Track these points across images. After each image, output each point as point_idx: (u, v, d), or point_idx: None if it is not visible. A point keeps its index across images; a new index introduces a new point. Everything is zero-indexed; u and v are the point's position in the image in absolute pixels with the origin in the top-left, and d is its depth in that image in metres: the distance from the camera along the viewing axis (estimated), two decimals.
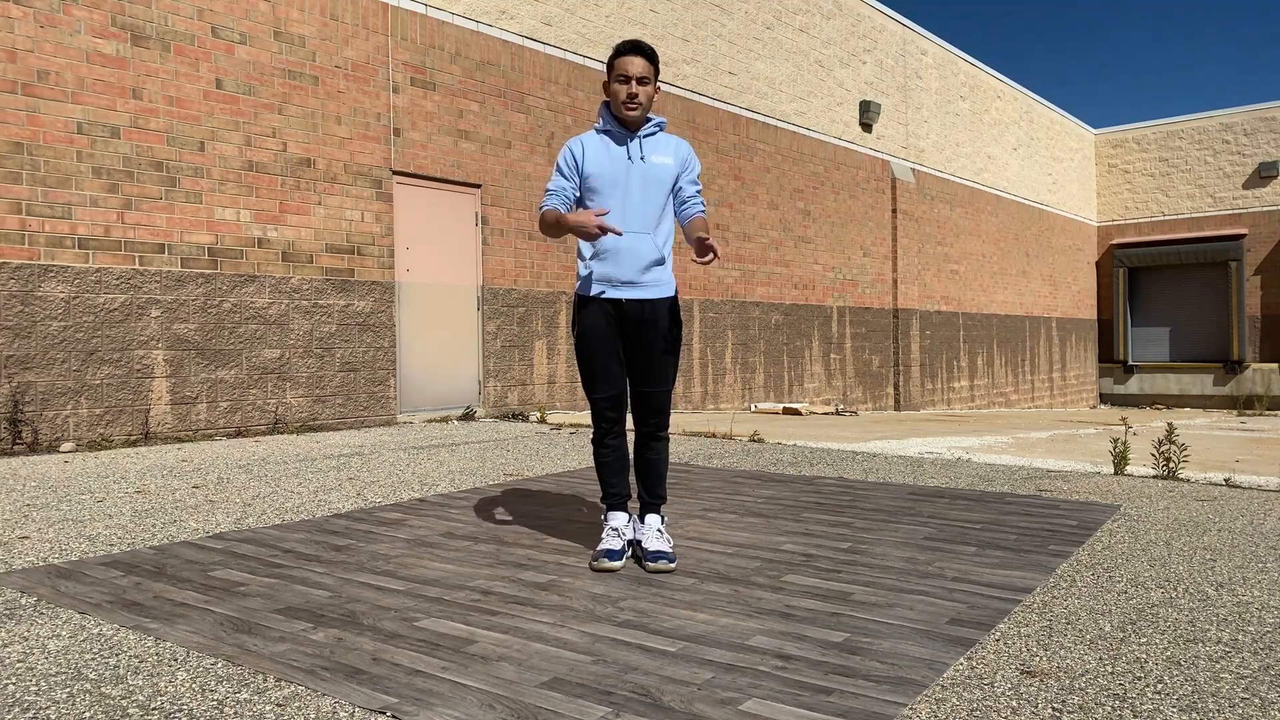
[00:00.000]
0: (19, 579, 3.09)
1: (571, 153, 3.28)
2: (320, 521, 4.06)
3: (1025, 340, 20.92)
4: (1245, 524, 3.98)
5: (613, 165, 3.24)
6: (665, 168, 3.28)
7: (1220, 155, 22.76)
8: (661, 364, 3.30)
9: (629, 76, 3.20)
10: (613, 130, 3.28)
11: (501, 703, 2.03)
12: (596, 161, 3.25)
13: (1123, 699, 2.06)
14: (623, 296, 3.25)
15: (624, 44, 3.25)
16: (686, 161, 3.36)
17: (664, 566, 3.15)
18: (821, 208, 14.74)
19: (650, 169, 3.25)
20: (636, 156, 3.25)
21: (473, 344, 9.66)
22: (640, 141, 3.28)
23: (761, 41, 13.58)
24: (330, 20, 8.40)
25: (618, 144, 3.27)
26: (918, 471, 5.65)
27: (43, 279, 6.71)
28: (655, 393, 3.31)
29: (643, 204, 3.24)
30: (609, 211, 3.19)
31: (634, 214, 3.24)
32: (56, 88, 6.79)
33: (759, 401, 13.36)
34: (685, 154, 3.36)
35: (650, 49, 3.25)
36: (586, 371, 3.31)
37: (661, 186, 3.27)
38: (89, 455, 6.39)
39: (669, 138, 3.36)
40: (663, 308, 3.29)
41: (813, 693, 2.09)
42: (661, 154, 3.29)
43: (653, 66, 3.24)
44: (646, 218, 3.25)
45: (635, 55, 3.21)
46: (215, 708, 2.02)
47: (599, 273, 3.26)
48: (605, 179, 3.23)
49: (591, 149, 3.27)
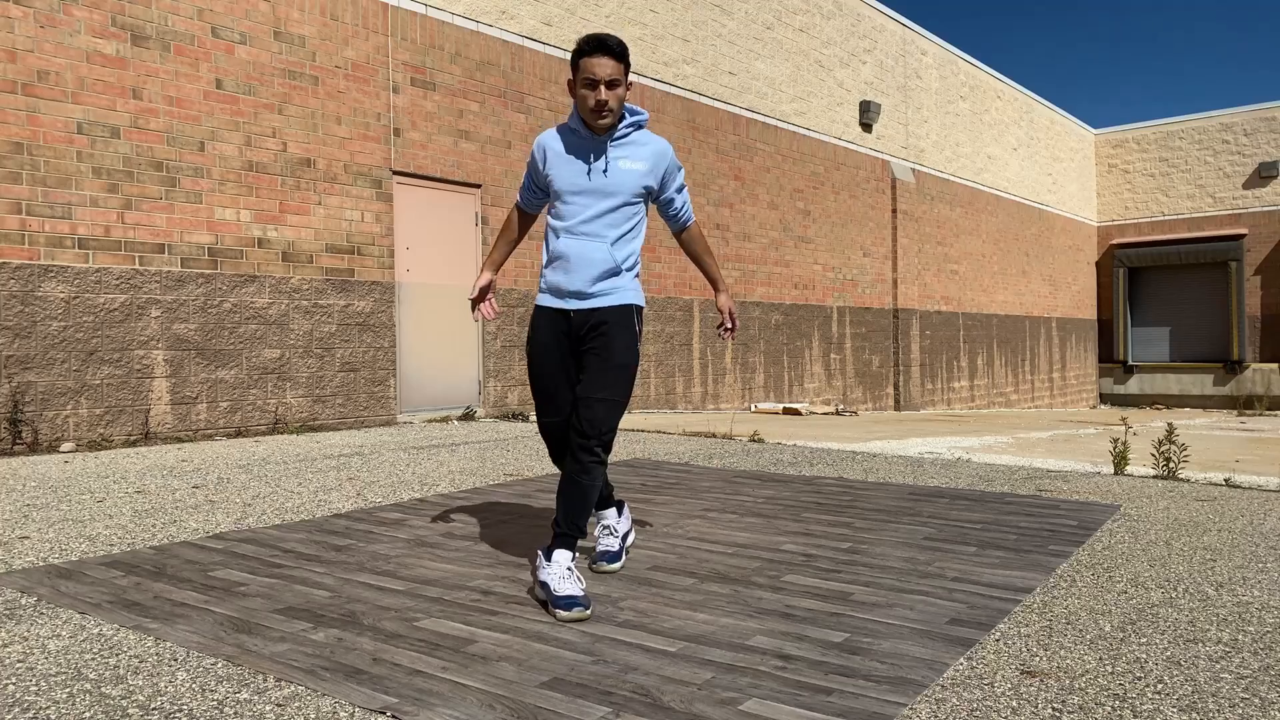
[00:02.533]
0: (19, 579, 3.09)
1: (534, 156, 3.07)
2: (320, 521, 4.06)
3: (1025, 340, 20.92)
4: (1245, 524, 3.98)
5: (573, 169, 2.96)
6: (632, 174, 2.97)
7: (1220, 155, 22.76)
8: (604, 371, 2.90)
9: (596, 80, 2.85)
10: (580, 131, 2.97)
11: (501, 703, 2.03)
12: (557, 164, 2.99)
13: (1123, 699, 2.06)
14: (569, 307, 2.97)
15: (588, 41, 2.88)
16: (663, 168, 3.04)
17: (576, 615, 2.61)
18: (821, 208, 14.74)
19: (614, 176, 2.95)
20: (599, 163, 2.96)
21: (473, 344, 9.66)
22: (608, 145, 2.97)
23: (761, 41, 13.59)
24: (330, 20, 8.40)
25: (584, 150, 2.97)
26: (918, 471, 5.65)
27: (43, 279, 6.71)
28: (593, 400, 2.86)
29: (607, 215, 2.95)
30: (487, 299, 3.20)
31: (598, 225, 2.94)
32: (56, 88, 6.80)
33: (759, 401, 13.36)
34: (662, 159, 3.03)
35: (619, 44, 2.88)
36: (534, 389, 3.07)
37: (625, 194, 2.96)
38: (89, 455, 6.39)
39: (646, 139, 3.03)
40: (613, 315, 2.95)
41: (813, 693, 2.09)
42: (632, 159, 2.97)
43: (623, 65, 2.88)
44: (602, 226, 2.94)
45: (602, 55, 2.85)
46: (215, 708, 2.02)
47: (550, 281, 3.01)
48: (565, 181, 2.96)
49: (554, 150, 3.01)
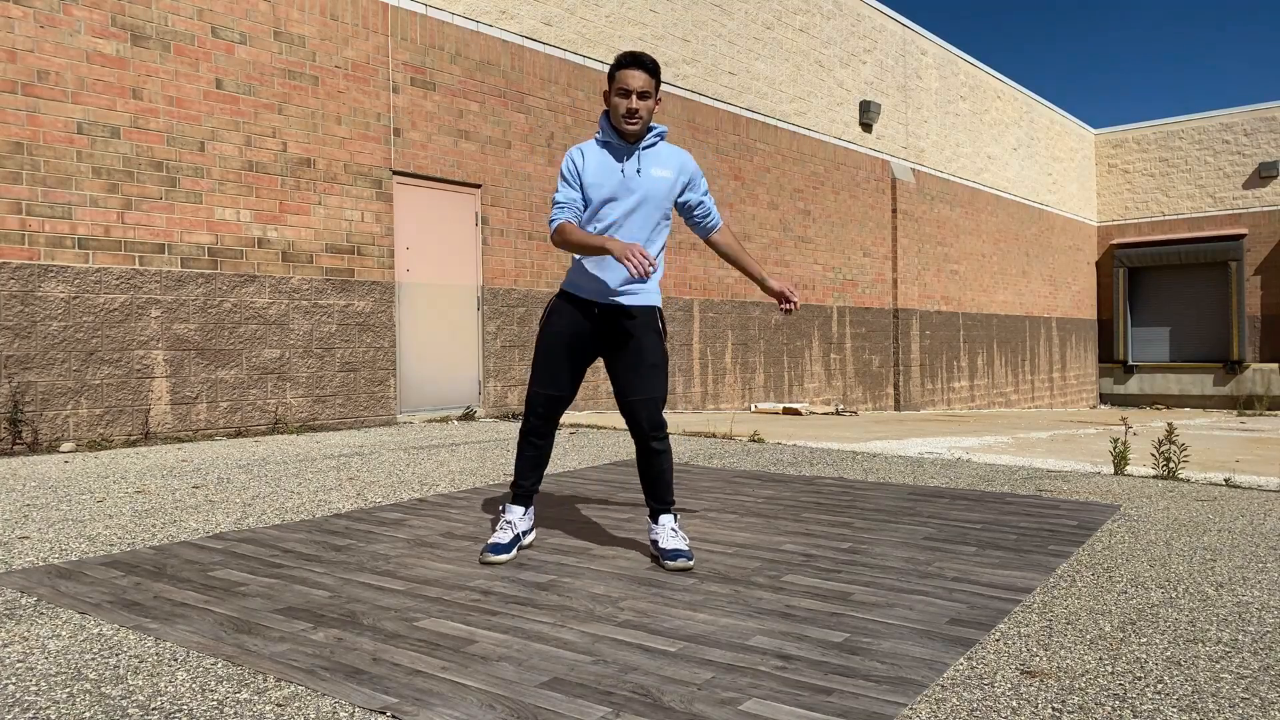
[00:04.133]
0: (19, 579, 3.09)
1: (574, 162, 3.27)
2: (320, 521, 4.06)
3: (1025, 340, 20.92)
4: (1245, 524, 3.98)
5: (610, 178, 3.24)
6: (663, 181, 3.28)
7: (1220, 155, 22.76)
8: (651, 375, 3.27)
9: (629, 91, 3.18)
10: (612, 142, 3.27)
11: (501, 703, 2.03)
12: (595, 173, 3.25)
13: (1123, 699, 2.06)
14: (597, 300, 3.29)
15: (625, 56, 3.22)
16: (689, 174, 3.36)
17: (683, 565, 3.16)
18: (821, 208, 14.74)
19: (645, 181, 3.25)
20: (633, 170, 3.25)
21: (473, 344, 9.66)
22: (639, 154, 3.27)
23: (761, 41, 13.59)
24: (330, 20, 8.40)
25: (616, 157, 3.27)
26: (918, 471, 5.65)
27: (43, 279, 6.71)
28: (649, 402, 3.26)
29: (639, 218, 3.26)
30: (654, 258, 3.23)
31: (630, 227, 3.25)
32: (56, 88, 6.80)
33: (759, 401, 13.36)
34: (689, 169, 3.36)
35: (652, 62, 3.23)
36: (539, 362, 3.31)
37: (658, 201, 3.28)
38: (89, 455, 6.39)
39: (670, 150, 3.35)
40: (639, 314, 3.29)
41: (813, 693, 2.09)
42: (661, 167, 3.29)
43: (654, 80, 3.22)
44: (641, 231, 3.27)
45: (636, 69, 3.18)
46: (215, 708, 2.02)
47: (580, 276, 3.30)
48: (603, 191, 3.23)
49: (592, 160, 3.27)
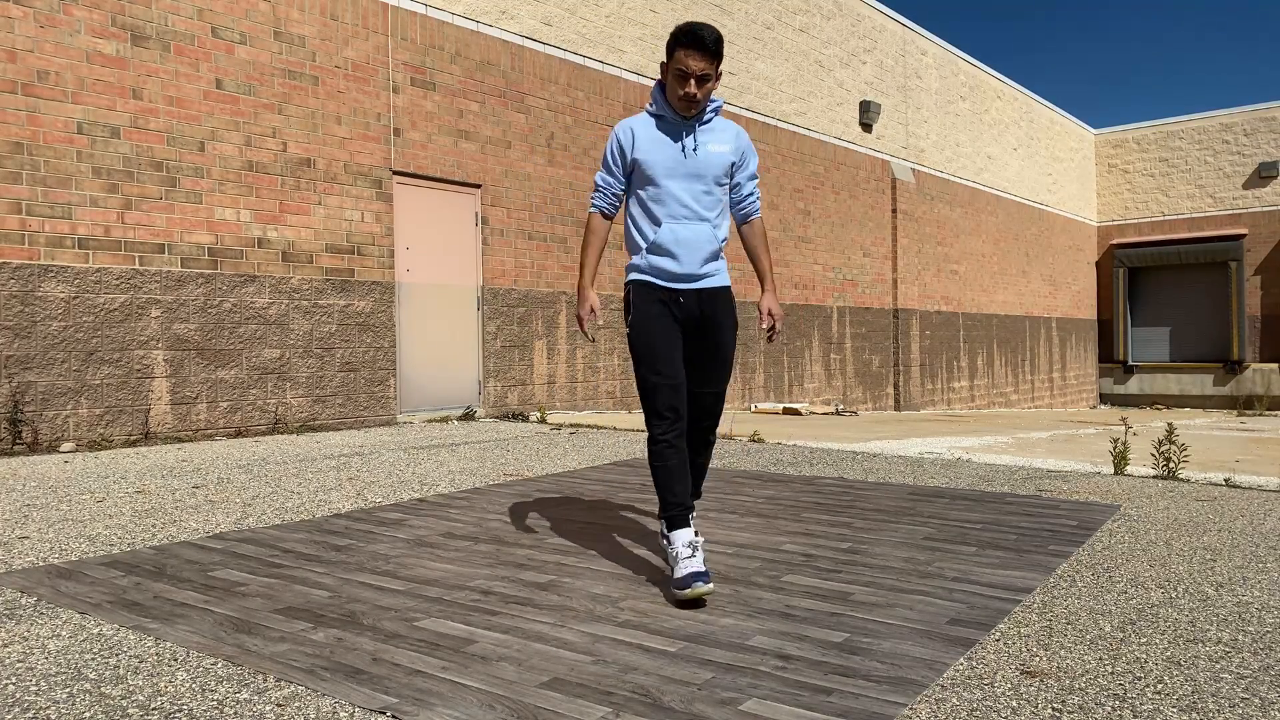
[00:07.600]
0: (19, 579, 3.09)
1: (619, 142, 3.08)
2: (320, 521, 4.06)
3: (1025, 340, 20.92)
4: (1245, 524, 3.98)
5: (666, 153, 3.04)
6: (722, 156, 3.08)
7: (1220, 155, 22.76)
8: (724, 365, 3.16)
9: (688, 74, 2.95)
10: (667, 115, 3.06)
11: (501, 703, 2.03)
12: (649, 149, 3.05)
13: (1123, 699, 2.06)
14: (680, 288, 3.07)
15: (686, 33, 2.94)
16: (744, 153, 3.17)
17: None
18: (821, 208, 14.74)
19: (705, 157, 3.05)
20: (691, 148, 3.05)
21: (473, 344, 9.66)
22: (696, 129, 3.08)
23: (761, 41, 13.58)
24: (330, 20, 8.40)
25: (673, 134, 3.06)
26: (918, 471, 5.65)
27: (43, 279, 6.71)
28: (710, 394, 3.17)
29: (703, 193, 3.06)
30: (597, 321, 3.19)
31: (695, 203, 3.05)
32: (56, 88, 6.79)
33: (759, 401, 13.36)
34: (743, 144, 3.17)
35: (714, 41, 2.95)
36: (646, 352, 3.01)
37: (716, 174, 3.08)
38: (89, 455, 6.39)
39: (726, 125, 3.15)
40: (724, 299, 3.13)
41: (813, 693, 2.09)
42: (718, 142, 3.09)
43: (715, 61, 2.98)
44: (703, 208, 3.07)
45: (697, 51, 2.93)
46: (215, 708, 2.02)
47: (654, 265, 3.07)
48: (660, 168, 3.03)
49: (643, 135, 3.06)
